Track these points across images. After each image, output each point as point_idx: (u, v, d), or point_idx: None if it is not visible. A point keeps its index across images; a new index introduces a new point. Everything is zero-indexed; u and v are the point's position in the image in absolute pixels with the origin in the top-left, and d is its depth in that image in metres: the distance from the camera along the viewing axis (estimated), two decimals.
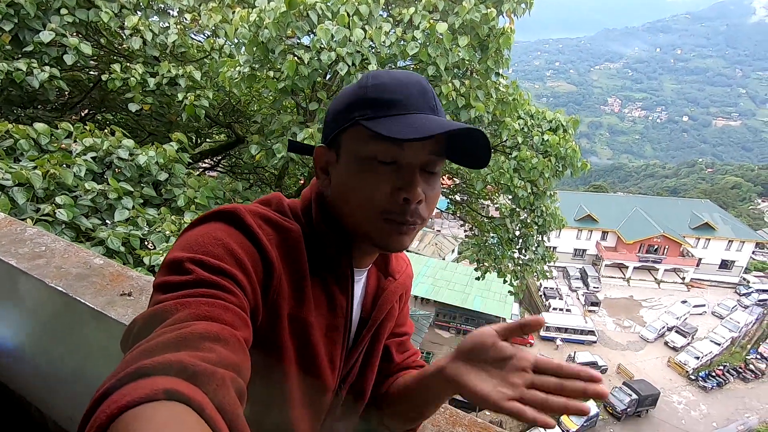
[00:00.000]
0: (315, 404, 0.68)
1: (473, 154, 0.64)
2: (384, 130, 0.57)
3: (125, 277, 0.95)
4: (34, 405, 1.30)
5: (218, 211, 0.59)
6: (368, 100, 0.61)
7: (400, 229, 0.62)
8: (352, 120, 0.61)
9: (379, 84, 0.61)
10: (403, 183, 0.60)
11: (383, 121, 0.59)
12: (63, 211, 2.73)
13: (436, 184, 0.65)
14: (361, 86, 0.63)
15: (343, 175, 0.63)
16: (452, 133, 0.59)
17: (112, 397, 0.35)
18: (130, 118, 6.41)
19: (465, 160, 0.65)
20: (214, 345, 0.43)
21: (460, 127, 0.56)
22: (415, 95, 0.61)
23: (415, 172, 0.61)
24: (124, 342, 0.49)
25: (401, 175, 0.60)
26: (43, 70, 3.99)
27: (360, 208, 0.62)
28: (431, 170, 0.63)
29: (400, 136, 0.55)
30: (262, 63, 4.12)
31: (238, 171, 8.81)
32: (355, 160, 0.62)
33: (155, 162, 3.62)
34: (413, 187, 0.60)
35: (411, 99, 0.61)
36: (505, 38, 4.27)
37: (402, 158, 0.60)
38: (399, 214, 0.61)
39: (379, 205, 0.61)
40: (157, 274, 0.54)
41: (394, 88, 0.61)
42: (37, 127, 3.29)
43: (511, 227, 6.93)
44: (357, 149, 0.62)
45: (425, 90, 0.63)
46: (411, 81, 0.62)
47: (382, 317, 0.76)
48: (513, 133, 5.36)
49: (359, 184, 0.61)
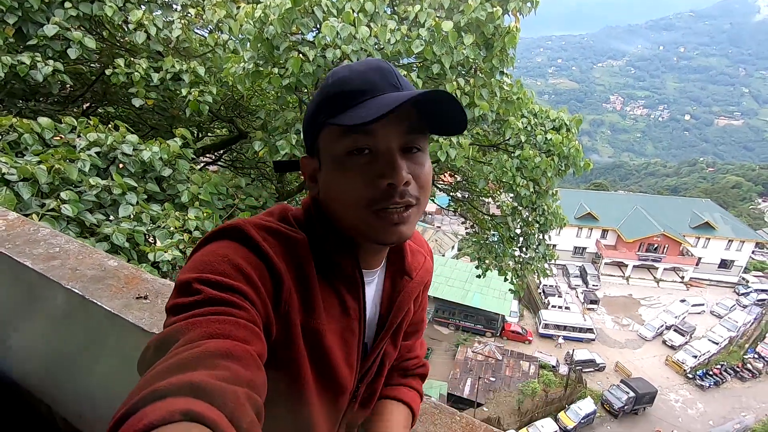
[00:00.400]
0: (333, 406, 0.69)
1: (450, 120, 0.62)
2: (345, 119, 0.57)
3: (140, 279, 0.96)
4: (45, 402, 1.31)
5: (222, 228, 0.60)
6: (330, 97, 0.61)
7: (392, 218, 0.60)
8: (321, 123, 0.62)
9: (337, 80, 0.61)
10: (383, 169, 0.59)
11: (348, 113, 0.58)
12: (68, 207, 2.73)
13: (425, 160, 0.64)
14: (323, 87, 0.63)
15: (327, 178, 0.63)
16: (417, 101, 0.56)
17: (130, 421, 0.35)
18: (133, 112, 6.39)
19: (443, 128, 0.63)
20: (228, 362, 0.43)
21: (422, 92, 0.55)
22: (375, 78, 0.60)
23: (393, 154, 0.59)
24: (140, 366, 0.49)
25: (380, 161, 0.59)
26: (47, 64, 3.97)
27: (348, 206, 0.61)
28: (415, 147, 0.62)
29: (361, 120, 0.54)
30: (267, 59, 4.11)
31: (240, 166, 8.80)
32: (333, 161, 0.62)
33: (159, 158, 3.62)
34: (395, 171, 0.58)
35: (371, 83, 0.60)
36: (510, 37, 4.25)
37: (376, 144, 0.59)
38: (386, 200, 0.59)
39: (364, 197, 0.60)
40: (169, 298, 0.54)
41: (352, 79, 0.60)
42: (41, 121, 3.29)
43: (512, 225, 6.93)
44: (332, 149, 0.61)
45: (384, 70, 0.61)
46: (369, 67, 0.62)
47: (399, 320, 0.76)
48: (516, 131, 5.35)
49: (342, 182, 0.61)
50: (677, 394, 23.75)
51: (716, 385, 24.40)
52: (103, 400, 1.05)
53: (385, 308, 0.75)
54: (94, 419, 1.16)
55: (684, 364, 25.13)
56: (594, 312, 30.23)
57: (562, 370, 23.68)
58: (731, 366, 25.77)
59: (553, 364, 24.06)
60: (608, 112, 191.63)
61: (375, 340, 0.75)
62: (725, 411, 22.82)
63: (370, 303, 0.72)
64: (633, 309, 31.15)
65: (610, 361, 25.64)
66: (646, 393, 21.67)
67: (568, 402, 21.67)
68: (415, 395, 0.86)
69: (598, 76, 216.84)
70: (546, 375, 22.68)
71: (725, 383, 24.74)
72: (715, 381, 24.47)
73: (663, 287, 34.02)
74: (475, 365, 22.83)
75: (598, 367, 24.94)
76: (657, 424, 21.48)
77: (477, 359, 23.26)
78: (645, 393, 21.64)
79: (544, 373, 22.88)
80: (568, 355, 24.67)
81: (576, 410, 20.81)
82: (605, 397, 22.10)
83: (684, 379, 24.71)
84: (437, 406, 0.88)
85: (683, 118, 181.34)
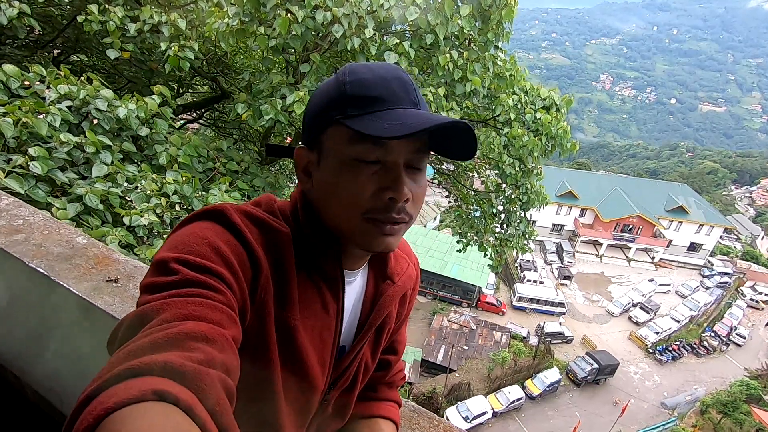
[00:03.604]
0: (303, 403, 0.68)
1: (459, 147, 0.61)
2: (367, 128, 0.54)
3: (111, 260, 0.90)
4: (12, 372, 1.28)
5: (205, 210, 0.59)
6: (347, 97, 0.58)
7: (384, 229, 0.60)
8: (332, 119, 0.59)
9: (357, 80, 0.58)
10: (388, 182, 0.58)
11: (365, 119, 0.56)
12: (37, 164, 2.59)
13: (422, 180, 0.63)
14: (339, 83, 0.59)
15: (325, 176, 0.61)
16: (439, 128, 0.55)
17: (99, 398, 0.34)
18: (108, 63, 6.04)
19: (450, 152, 0.62)
20: (202, 344, 0.43)
21: (448, 121, 0.54)
22: (396, 89, 0.58)
23: (400, 170, 0.58)
24: (111, 343, 0.48)
25: (386, 174, 0.58)
26: (12, 5, 3.68)
27: (343, 210, 0.60)
28: (417, 166, 0.61)
29: (385, 134, 0.53)
30: (253, 17, 3.88)
31: (222, 125, 8.51)
32: (337, 161, 0.59)
33: (135, 116, 3.44)
34: (400, 187, 0.58)
35: (392, 94, 0.58)
36: (507, 10, 4.11)
37: (386, 157, 0.58)
38: (384, 212, 0.59)
39: (363, 206, 0.59)
40: (145, 276, 0.53)
41: (373, 83, 0.58)
42: (6, 68, 3.05)
43: (495, 202, 6.97)
44: (339, 149, 0.59)
45: (405, 83, 0.60)
46: (391, 75, 0.59)
47: (378, 322, 0.75)
48: (506, 109, 5.28)
49: (343, 185, 0.59)
50: (637, 367, 25.19)
51: (674, 360, 25.97)
52: (72, 377, 1.02)
53: (366, 311, 0.74)
54: (65, 393, 1.13)
55: (646, 339, 26.56)
56: (567, 287, 31.35)
57: (532, 341, 24.71)
58: (689, 343, 27.37)
59: (524, 335, 25.05)
60: (597, 91, 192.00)
61: (353, 342, 0.74)
62: (679, 384, 24.41)
63: (349, 303, 0.71)
64: (604, 286, 32.41)
65: (577, 334, 26.87)
66: (608, 365, 22.93)
67: (536, 371, 22.79)
68: (398, 410, 0.89)
69: (590, 54, 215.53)
70: (516, 345, 23.62)
71: (682, 358, 26.34)
72: (673, 356, 26.03)
73: (634, 266, 35.36)
74: (450, 333, 23.57)
75: (566, 340, 26.12)
76: (616, 393, 22.86)
77: (452, 328, 24.00)
78: (607, 365, 22.89)
79: (514, 343, 23.83)
80: (539, 326, 25.70)
81: (542, 379, 21.95)
82: (570, 368, 23.28)
83: (645, 353, 26.17)
84: (416, 410, 0.88)
85: (669, 101, 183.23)
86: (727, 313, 30.74)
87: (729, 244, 42.81)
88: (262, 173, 4.88)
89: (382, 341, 0.80)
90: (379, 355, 0.81)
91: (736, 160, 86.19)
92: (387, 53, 3.96)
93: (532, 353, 23.41)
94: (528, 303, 28.02)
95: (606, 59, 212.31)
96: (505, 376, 22.00)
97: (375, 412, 0.86)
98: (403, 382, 0.93)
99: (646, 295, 30.99)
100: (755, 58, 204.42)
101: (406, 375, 0.94)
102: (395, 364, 0.90)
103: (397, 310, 0.81)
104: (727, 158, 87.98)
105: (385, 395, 0.89)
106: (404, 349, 0.91)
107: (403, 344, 0.90)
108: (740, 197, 72.67)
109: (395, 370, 0.91)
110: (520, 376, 22.34)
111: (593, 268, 34.65)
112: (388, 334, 0.82)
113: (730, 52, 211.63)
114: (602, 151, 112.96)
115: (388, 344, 0.86)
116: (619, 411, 19.92)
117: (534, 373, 22.58)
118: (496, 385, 21.58)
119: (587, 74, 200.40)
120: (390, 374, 0.90)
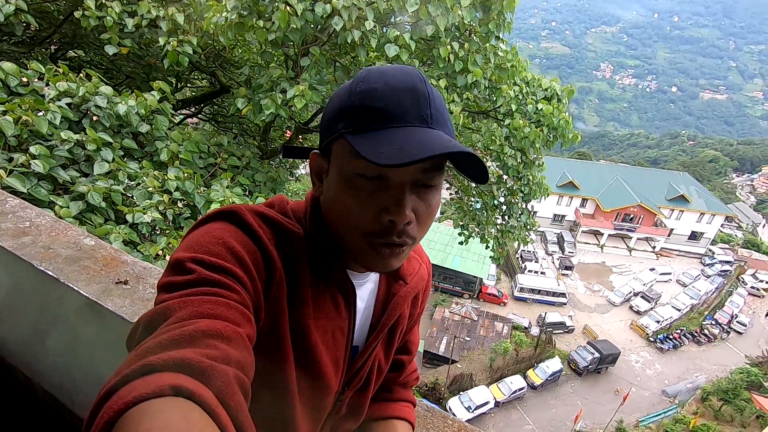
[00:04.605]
0: (316, 403, 0.69)
1: (470, 170, 0.58)
2: (363, 149, 0.52)
3: (119, 261, 0.90)
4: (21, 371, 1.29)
5: (220, 211, 0.60)
6: (355, 108, 0.55)
7: (384, 251, 0.58)
8: (338, 131, 0.57)
9: (368, 90, 0.55)
10: (389, 203, 0.55)
11: (367, 137, 0.53)
12: (38, 162, 2.59)
13: (433, 198, 0.59)
14: (350, 90, 0.57)
15: (331, 188, 0.60)
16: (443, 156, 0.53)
17: (119, 393, 0.35)
18: (106, 58, 6.00)
19: (463, 172, 0.59)
20: (218, 342, 0.43)
21: (452, 151, 0.51)
22: (407, 104, 0.55)
23: (403, 190, 0.55)
24: (130, 341, 0.49)
25: (388, 193, 0.55)
26: (8, 2, 3.64)
27: (343, 227, 0.60)
28: (428, 183, 0.58)
29: (380, 161, 0.50)
30: (251, 10, 3.85)
31: (221, 120, 8.48)
32: (340, 175, 0.58)
33: (135, 112, 3.43)
34: (400, 208, 0.55)
35: (401, 109, 0.54)
36: (509, 0, 4.07)
37: (389, 174, 0.55)
38: (383, 236, 0.57)
39: (362, 228, 0.57)
40: (162, 275, 0.54)
41: (381, 95, 0.55)
42: (5, 66, 3.03)
43: (496, 194, 6.96)
44: (342, 163, 0.57)
45: (419, 95, 0.56)
46: (404, 85, 0.56)
47: (391, 323, 0.75)
48: (508, 100, 5.25)
49: (344, 202, 0.58)
50: (638, 356, 25.30)
51: (674, 348, 26.06)
52: (84, 376, 1.03)
53: (379, 312, 0.74)
54: (75, 392, 1.14)
55: (647, 328, 26.65)
56: (568, 277, 31.39)
57: (534, 331, 24.82)
58: (690, 331, 27.44)
59: (525, 325, 25.15)
60: (597, 80, 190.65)
61: (366, 343, 0.74)
62: (680, 372, 24.54)
63: (361, 304, 0.72)
64: (605, 276, 32.45)
65: (579, 324, 26.97)
66: (609, 354, 23.03)
67: (537, 361, 22.90)
68: (413, 410, 0.90)
69: (590, 42, 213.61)
70: (518, 335, 23.73)
71: (683, 347, 26.43)
72: (674, 344, 26.12)
73: (635, 256, 35.37)
74: (452, 325, 23.67)
75: (567, 330, 26.22)
76: (617, 382, 23.00)
77: (454, 319, 24.10)
78: (608, 354, 22.99)
79: (516, 333, 23.93)
80: (540, 317, 25.80)
81: (544, 368, 22.07)
82: (571, 357, 23.39)
83: (646, 342, 26.28)
84: (429, 410, 0.89)
85: (670, 89, 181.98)
86: (728, 301, 30.78)
87: (730, 233, 42.78)
88: (263, 168, 4.87)
89: (395, 342, 0.80)
90: (392, 356, 0.81)
91: (738, 148, 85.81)
92: (387, 45, 3.92)
93: (533, 343, 23.52)
94: (529, 294, 28.08)
95: (606, 47, 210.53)
96: (506, 366, 22.13)
97: (391, 413, 0.86)
98: (416, 382, 0.93)
99: (647, 285, 31.03)
100: (757, 45, 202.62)
101: (419, 375, 0.94)
102: (408, 365, 0.90)
103: (410, 311, 0.81)
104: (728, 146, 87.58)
105: (399, 396, 0.89)
106: (417, 349, 0.91)
107: (416, 344, 0.90)
108: (741, 185, 72.49)
109: (409, 370, 0.91)
110: (522, 366, 22.46)
111: (594, 258, 34.66)
112: (401, 335, 0.82)
113: (731, 39, 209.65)
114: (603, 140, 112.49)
115: (401, 344, 0.87)
116: (621, 399, 20.04)
117: (536, 363, 22.69)
118: (498, 376, 21.72)
119: (587, 63, 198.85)
120: (404, 375, 0.90)
